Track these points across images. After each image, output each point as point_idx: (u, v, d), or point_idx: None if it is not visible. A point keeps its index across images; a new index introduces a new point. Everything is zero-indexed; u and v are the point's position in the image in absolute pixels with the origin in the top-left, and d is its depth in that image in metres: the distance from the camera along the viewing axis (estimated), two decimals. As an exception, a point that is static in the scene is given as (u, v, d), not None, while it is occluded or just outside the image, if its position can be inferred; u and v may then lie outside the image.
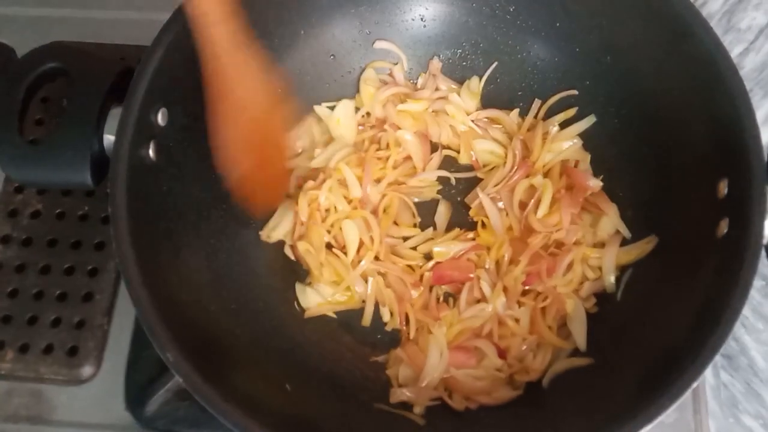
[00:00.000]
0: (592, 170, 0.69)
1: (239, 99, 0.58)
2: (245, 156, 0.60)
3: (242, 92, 0.58)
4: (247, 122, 0.59)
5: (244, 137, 0.59)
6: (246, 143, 0.60)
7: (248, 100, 0.58)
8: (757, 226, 0.51)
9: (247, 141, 0.60)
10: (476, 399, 0.61)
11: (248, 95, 0.58)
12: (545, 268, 0.63)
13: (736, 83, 0.55)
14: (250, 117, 0.59)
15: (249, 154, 0.60)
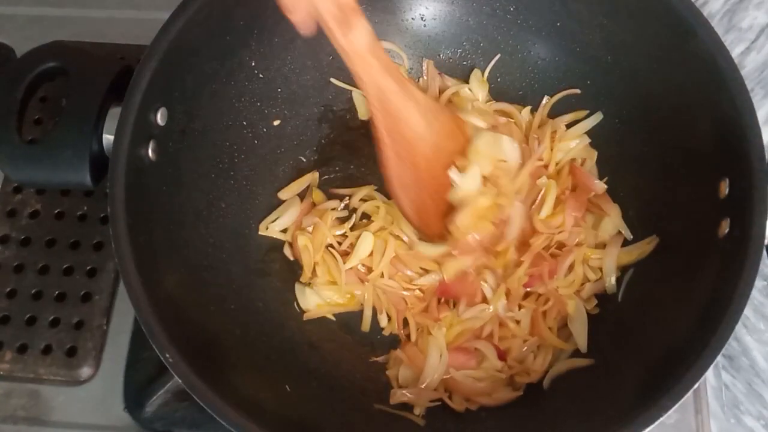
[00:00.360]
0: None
1: (409, 138, 0.61)
2: (420, 195, 0.62)
3: (412, 131, 0.61)
4: (419, 160, 0.62)
5: (415, 176, 0.62)
6: (418, 181, 0.62)
7: (418, 138, 0.61)
8: (758, 226, 0.51)
9: (419, 179, 0.62)
10: (476, 400, 0.60)
11: (418, 133, 0.61)
12: (547, 270, 0.63)
13: (737, 83, 0.55)
14: (421, 155, 0.62)
15: (421, 191, 0.62)
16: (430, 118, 0.62)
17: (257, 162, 0.69)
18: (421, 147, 0.61)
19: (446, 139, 0.63)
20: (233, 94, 0.66)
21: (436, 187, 0.63)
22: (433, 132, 0.62)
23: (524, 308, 0.63)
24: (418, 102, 0.61)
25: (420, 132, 0.61)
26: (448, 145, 0.63)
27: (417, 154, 0.61)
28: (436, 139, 0.62)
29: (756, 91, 0.77)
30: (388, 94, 0.58)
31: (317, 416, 0.57)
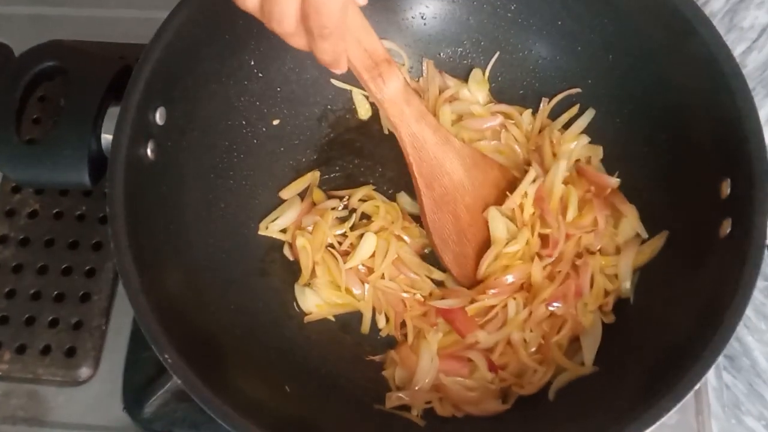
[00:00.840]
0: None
1: (447, 186, 0.61)
2: (461, 245, 0.62)
3: (450, 179, 0.61)
4: (459, 209, 0.62)
5: (456, 226, 0.62)
6: (459, 231, 0.62)
7: (457, 186, 0.61)
8: (759, 226, 0.51)
9: (460, 229, 0.62)
10: (463, 408, 0.60)
11: (456, 181, 0.61)
12: (573, 290, 0.61)
13: (739, 82, 0.54)
14: (461, 204, 0.62)
15: (462, 241, 0.62)
16: (468, 165, 0.62)
17: (257, 162, 0.69)
18: (460, 195, 0.62)
19: (487, 187, 0.63)
20: (232, 93, 0.66)
21: (477, 237, 0.63)
22: (473, 179, 0.62)
23: (534, 331, 0.61)
24: (455, 148, 0.61)
25: (458, 179, 0.61)
26: (489, 192, 0.64)
27: (457, 203, 0.62)
28: (476, 187, 0.63)
29: (757, 91, 0.77)
30: (424, 142, 0.59)
31: (317, 416, 0.57)
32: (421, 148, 0.59)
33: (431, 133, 0.59)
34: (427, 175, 0.60)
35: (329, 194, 0.70)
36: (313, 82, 0.71)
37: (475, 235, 0.63)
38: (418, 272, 0.65)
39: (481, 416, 0.60)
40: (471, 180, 0.62)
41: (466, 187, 0.62)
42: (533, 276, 0.62)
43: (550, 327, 0.61)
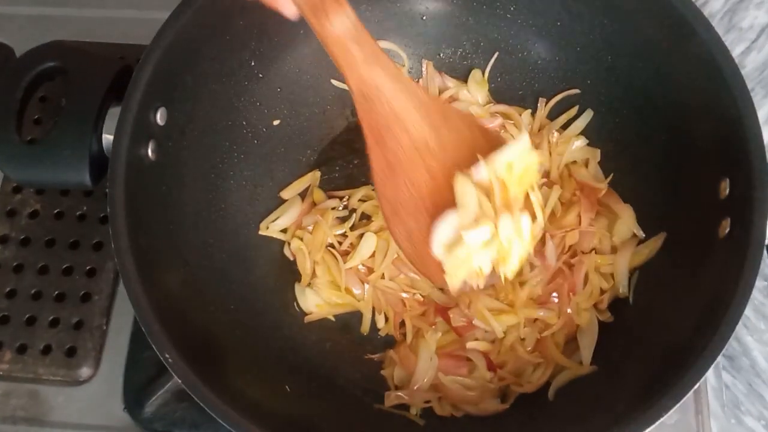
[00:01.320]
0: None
1: (405, 146, 0.50)
2: (419, 220, 0.51)
3: (408, 137, 0.49)
4: (418, 176, 0.51)
5: (413, 195, 0.51)
6: (416, 203, 0.51)
7: (418, 146, 0.50)
8: (758, 226, 0.51)
9: (418, 200, 0.51)
10: (462, 408, 0.60)
11: (417, 139, 0.50)
12: (566, 288, 0.61)
13: (738, 83, 0.54)
14: (422, 169, 0.51)
15: (421, 216, 0.51)
16: (436, 122, 0.50)
17: (257, 162, 0.69)
18: (422, 158, 0.50)
19: (460, 151, 0.51)
20: (233, 93, 0.66)
21: (440, 211, 0.51)
22: (441, 139, 0.51)
23: (529, 327, 0.62)
24: (419, 100, 0.50)
25: (420, 138, 0.50)
26: (464, 158, 0.51)
27: (416, 167, 0.50)
28: (446, 150, 0.51)
29: (756, 91, 0.77)
30: (377, 90, 0.49)
31: (317, 416, 0.57)
32: (373, 97, 0.49)
33: (387, 79, 0.49)
34: (379, 129, 0.49)
35: (329, 194, 0.70)
36: (313, 82, 0.71)
37: (438, 207, 0.51)
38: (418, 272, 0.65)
39: (481, 416, 0.60)
40: (438, 140, 0.51)
41: (431, 148, 0.50)
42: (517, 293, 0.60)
43: (544, 324, 0.62)
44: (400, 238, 0.53)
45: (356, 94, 0.51)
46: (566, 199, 0.66)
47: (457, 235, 0.50)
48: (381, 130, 0.50)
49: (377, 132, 0.50)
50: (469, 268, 0.51)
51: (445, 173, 0.51)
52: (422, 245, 0.52)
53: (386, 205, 0.52)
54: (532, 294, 0.62)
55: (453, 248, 0.50)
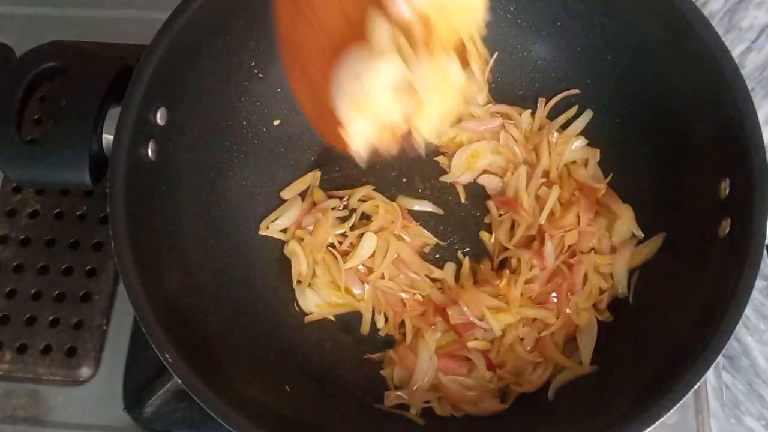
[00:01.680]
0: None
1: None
2: (325, 67, 0.43)
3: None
4: (331, 16, 0.43)
5: (319, 35, 0.43)
6: (320, 43, 0.43)
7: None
8: (758, 226, 0.51)
9: (324, 41, 0.43)
10: (462, 408, 0.60)
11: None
12: (565, 287, 0.61)
13: (738, 83, 0.55)
14: (339, 7, 0.42)
15: (328, 61, 0.43)
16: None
17: (257, 162, 0.69)
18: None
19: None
20: (233, 94, 0.66)
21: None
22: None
23: (529, 327, 0.62)
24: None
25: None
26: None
27: (328, 7, 0.43)
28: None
29: (756, 91, 0.77)
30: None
31: (317, 416, 0.57)
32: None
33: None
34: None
35: (329, 194, 0.70)
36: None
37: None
38: (418, 272, 0.65)
39: (480, 416, 0.60)
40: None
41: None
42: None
43: (544, 324, 0.62)
44: (301, 93, 0.47)
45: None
46: (565, 199, 0.66)
47: (357, 70, 0.41)
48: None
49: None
50: (374, 123, 0.42)
51: (362, 13, 0.42)
52: (326, 101, 0.44)
53: (289, 54, 0.45)
54: (529, 293, 0.62)
55: (349, 86, 0.41)
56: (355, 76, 0.41)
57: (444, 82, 0.43)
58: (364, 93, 0.41)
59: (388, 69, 0.41)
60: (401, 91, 0.42)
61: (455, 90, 0.43)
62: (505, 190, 0.69)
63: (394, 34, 0.42)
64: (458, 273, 0.67)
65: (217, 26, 0.61)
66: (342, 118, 0.43)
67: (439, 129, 0.44)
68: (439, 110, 0.43)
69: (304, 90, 0.46)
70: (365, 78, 0.41)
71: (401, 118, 0.43)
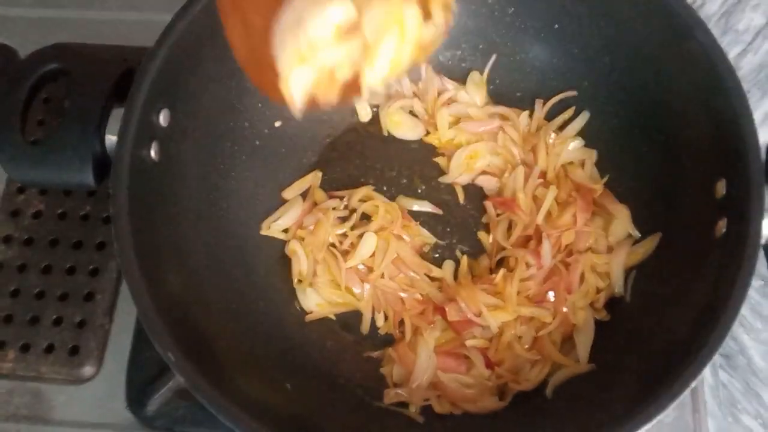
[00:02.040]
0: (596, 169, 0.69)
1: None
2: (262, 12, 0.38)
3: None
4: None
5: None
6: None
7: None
8: (754, 226, 0.51)
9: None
10: (461, 406, 0.60)
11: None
12: (563, 287, 0.62)
13: (734, 84, 0.55)
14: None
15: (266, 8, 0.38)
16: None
17: (258, 163, 0.69)
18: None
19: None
20: (235, 95, 0.66)
21: None
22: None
23: (526, 326, 0.62)
24: None
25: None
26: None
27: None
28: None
29: (753, 93, 0.78)
30: None
31: (318, 414, 0.57)
32: None
33: None
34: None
35: (330, 194, 0.71)
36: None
37: None
38: (418, 271, 0.66)
39: (479, 413, 0.60)
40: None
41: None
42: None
43: (541, 323, 0.62)
44: (235, 36, 0.42)
45: None
46: (562, 200, 0.67)
47: (300, 15, 0.36)
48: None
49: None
50: (315, 69, 0.38)
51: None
52: (263, 46, 0.39)
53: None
54: (526, 291, 0.63)
55: (292, 34, 0.37)
56: (298, 20, 0.36)
57: (398, 26, 0.38)
58: (306, 38, 0.36)
59: (336, 12, 0.36)
60: (347, 34, 0.37)
61: (411, 38, 0.39)
62: (502, 190, 0.70)
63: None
64: (456, 271, 0.68)
65: (219, 28, 0.61)
66: (280, 66, 0.38)
67: (387, 78, 0.39)
68: (390, 58, 0.38)
69: (239, 33, 0.41)
70: (309, 22, 0.36)
71: (345, 65, 0.38)
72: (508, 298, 0.62)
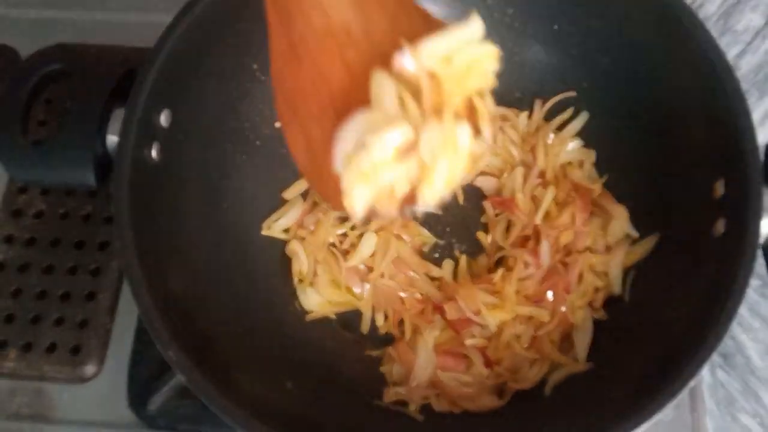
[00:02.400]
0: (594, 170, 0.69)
1: (317, 27, 0.38)
2: (323, 119, 0.40)
3: (322, 18, 0.37)
4: (333, 67, 0.39)
5: (318, 84, 0.40)
6: (319, 94, 0.40)
7: (333, 30, 0.38)
8: (753, 226, 0.51)
9: (324, 92, 0.40)
10: (460, 404, 0.61)
11: (333, 22, 0.38)
12: (561, 286, 0.62)
13: (733, 85, 0.55)
14: (340, 59, 0.39)
15: (326, 114, 0.40)
16: (360, 2, 0.39)
17: (259, 163, 0.69)
18: (339, 46, 0.39)
19: (388, 39, 0.39)
20: (236, 96, 0.66)
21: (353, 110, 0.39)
22: (368, 25, 0.39)
23: (524, 325, 0.62)
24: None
25: (339, 21, 0.39)
26: (391, 47, 0.38)
27: (331, 57, 0.39)
28: (373, 39, 0.39)
29: (751, 93, 0.78)
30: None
31: (318, 413, 0.58)
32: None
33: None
34: (286, 3, 0.38)
35: (330, 195, 0.71)
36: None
37: (353, 112, 0.39)
38: (418, 271, 0.66)
39: (478, 412, 0.60)
40: (364, 25, 0.39)
41: (353, 34, 0.39)
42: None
43: (540, 322, 0.62)
44: (297, 146, 0.43)
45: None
46: (561, 200, 0.67)
47: (362, 139, 0.38)
48: (289, 5, 0.39)
49: (283, 7, 0.39)
50: (377, 186, 0.39)
51: (367, 67, 0.39)
52: (324, 158, 0.41)
53: (283, 102, 0.42)
54: (524, 290, 0.63)
55: (354, 156, 0.38)
56: (358, 142, 0.38)
57: (452, 147, 0.39)
58: (368, 159, 0.38)
59: (395, 135, 0.38)
60: (406, 156, 0.39)
61: (464, 155, 0.40)
62: (501, 190, 0.70)
63: (400, 94, 0.38)
64: (456, 271, 0.68)
65: (220, 29, 0.61)
66: (344, 183, 0.40)
67: (443, 195, 0.41)
68: (446, 176, 0.40)
69: (299, 141, 0.42)
70: (370, 144, 0.38)
71: (403, 182, 0.40)
72: (506, 298, 0.62)
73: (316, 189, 0.46)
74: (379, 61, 0.39)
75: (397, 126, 0.38)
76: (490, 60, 0.41)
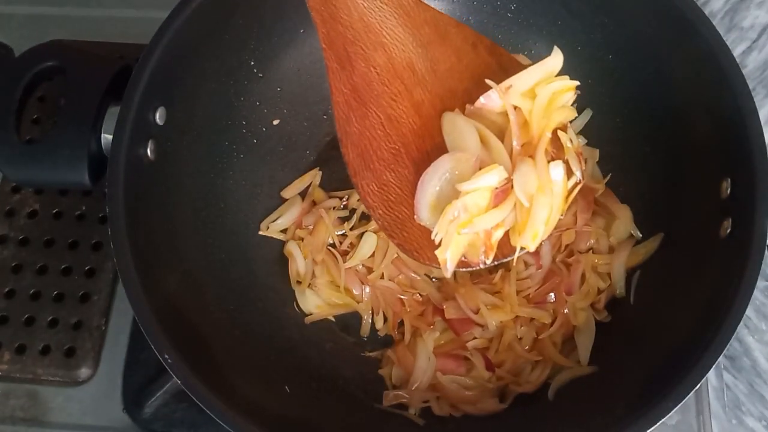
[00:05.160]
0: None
1: (380, 67, 0.36)
2: (397, 172, 0.38)
3: (385, 55, 0.35)
4: (399, 113, 0.37)
5: (388, 139, 0.37)
6: (392, 148, 0.38)
7: (397, 68, 0.36)
8: (760, 226, 0.51)
9: (395, 144, 0.38)
10: (461, 408, 0.60)
11: (396, 60, 0.35)
12: (563, 287, 0.61)
13: (739, 82, 0.54)
14: (403, 102, 0.37)
15: (399, 167, 0.38)
16: (428, 39, 0.37)
17: (256, 161, 0.69)
18: (406, 87, 0.37)
19: (461, 79, 0.37)
20: (232, 93, 0.66)
21: (430, 158, 0.38)
22: (433, 63, 0.37)
23: (526, 327, 0.62)
24: (404, 10, 0.36)
25: (404, 61, 0.37)
26: (464, 87, 0.36)
27: (398, 99, 0.37)
28: (440, 77, 0.38)
29: (758, 90, 0.77)
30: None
31: (317, 416, 0.57)
32: (337, 1, 0.36)
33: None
34: (344, 45, 0.36)
35: (329, 194, 0.70)
36: (313, 82, 0.71)
37: (427, 155, 0.38)
38: (418, 271, 0.65)
39: (479, 415, 0.60)
40: (429, 63, 0.38)
41: (418, 72, 0.38)
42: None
43: (542, 324, 0.62)
44: (372, 197, 0.40)
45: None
46: None
47: (451, 188, 0.36)
48: (347, 47, 0.37)
49: (341, 49, 0.36)
50: (469, 237, 0.37)
51: (438, 108, 0.37)
52: (401, 207, 0.39)
53: (351, 150, 0.39)
54: (525, 291, 0.62)
55: (445, 209, 0.36)
56: (444, 189, 0.36)
57: (548, 187, 0.38)
58: (464, 209, 0.36)
59: (491, 179, 0.35)
60: (501, 200, 0.37)
61: (560, 194, 0.39)
62: None
63: (481, 133, 0.36)
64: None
65: (216, 25, 0.61)
66: (435, 234, 0.38)
67: (541, 238, 0.39)
68: (545, 218, 0.39)
69: (372, 190, 0.40)
70: (465, 193, 0.35)
71: (499, 229, 0.38)
72: (506, 298, 0.61)
73: (396, 243, 0.42)
74: (449, 98, 0.37)
75: (492, 168, 0.35)
76: (570, 92, 0.39)
